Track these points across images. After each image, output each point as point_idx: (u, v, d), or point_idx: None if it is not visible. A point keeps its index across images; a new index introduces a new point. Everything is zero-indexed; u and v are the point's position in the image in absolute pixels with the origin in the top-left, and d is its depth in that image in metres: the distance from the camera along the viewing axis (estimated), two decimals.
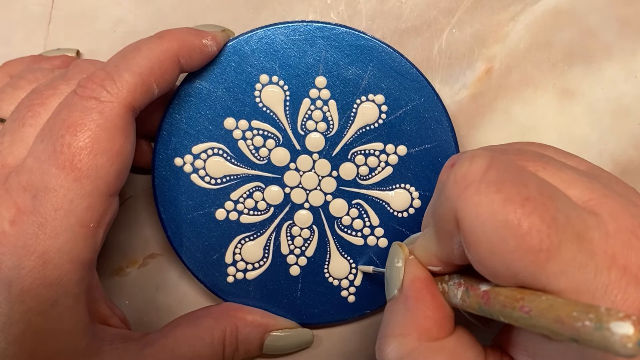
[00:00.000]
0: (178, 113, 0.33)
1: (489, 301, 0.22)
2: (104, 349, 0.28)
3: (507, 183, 0.21)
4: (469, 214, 0.21)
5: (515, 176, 0.21)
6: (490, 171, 0.21)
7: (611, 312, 0.16)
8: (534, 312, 0.19)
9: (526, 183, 0.21)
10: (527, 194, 0.20)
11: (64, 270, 0.26)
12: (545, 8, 0.36)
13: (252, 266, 0.33)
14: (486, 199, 0.21)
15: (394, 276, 0.26)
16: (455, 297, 0.24)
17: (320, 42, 0.33)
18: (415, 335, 0.24)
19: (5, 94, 0.31)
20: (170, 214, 0.33)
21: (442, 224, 0.23)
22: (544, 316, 0.19)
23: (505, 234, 0.20)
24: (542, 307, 0.19)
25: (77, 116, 0.27)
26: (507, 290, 0.21)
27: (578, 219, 0.21)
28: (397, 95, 0.33)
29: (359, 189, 0.33)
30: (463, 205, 0.21)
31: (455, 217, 0.22)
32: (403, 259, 0.27)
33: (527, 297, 0.20)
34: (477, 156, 0.22)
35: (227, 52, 0.33)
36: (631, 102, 0.35)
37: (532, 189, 0.21)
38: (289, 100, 0.33)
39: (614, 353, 0.16)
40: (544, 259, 0.20)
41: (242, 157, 0.33)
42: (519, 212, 0.20)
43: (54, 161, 0.26)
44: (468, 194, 0.21)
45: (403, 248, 0.27)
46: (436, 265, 0.26)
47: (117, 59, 0.29)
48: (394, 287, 0.26)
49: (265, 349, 0.33)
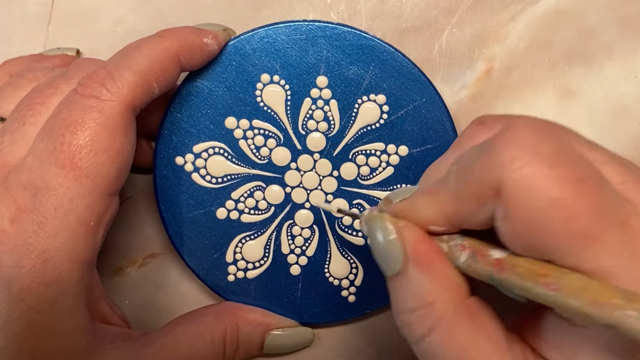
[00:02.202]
0: (179, 112, 0.33)
1: (504, 271, 0.21)
2: (104, 347, 0.28)
3: (560, 159, 0.20)
4: (517, 187, 0.20)
5: (567, 153, 0.21)
6: (544, 144, 0.20)
7: None
8: (564, 291, 0.18)
9: (578, 162, 0.20)
10: (580, 174, 0.20)
11: (64, 269, 0.26)
12: (545, 8, 0.36)
13: (252, 265, 0.33)
14: (540, 173, 0.20)
15: (390, 251, 0.24)
16: (457, 259, 0.23)
17: (322, 42, 0.33)
18: (441, 301, 0.22)
19: (5, 93, 0.31)
20: (171, 212, 0.33)
21: (474, 187, 0.22)
22: (577, 297, 0.18)
23: (553, 213, 0.19)
24: (573, 286, 0.18)
25: (78, 115, 0.27)
26: (527, 263, 0.20)
27: (620, 205, 0.20)
28: (399, 95, 0.33)
29: (360, 189, 0.33)
30: (513, 175, 0.20)
31: (497, 185, 0.20)
32: (393, 228, 0.24)
33: (554, 273, 0.19)
34: (528, 126, 0.21)
35: (229, 51, 0.33)
36: (631, 102, 0.35)
37: (583, 170, 0.20)
38: (290, 99, 0.33)
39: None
40: (585, 244, 0.19)
41: (243, 157, 0.33)
42: (572, 192, 0.19)
43: (54, 160, 0.26)
44: (519, 164, 0.20)
45: (383, 217, 0.24)
46: (442, 225, 0.23)
47: (117, 58, 0.29)
48: (396, 262, 0.23)
49: (266, 348, 0.33)
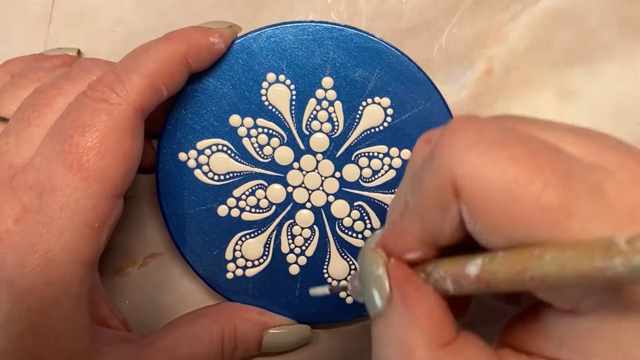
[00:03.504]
0: (184, 108, 0.33)
1: (489, 284, 0.19)
2: (103, 350, 0.28)
3: (510, 139, 0.19)
4: (473, 177, 0.19)
5: (515, 134, 0.20)
6: (488, 130, 0.19)
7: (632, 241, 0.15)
8: (549, 279, 0.17)
9: (528, 139, 0.19)
10: (534, 149, 0.19)
11: (67, 270, 0.26)
12: (545, 8, 0.36)
13: (251, 263, 0.33)
14: (491, 159, 0.19)
15: (375, 287, 0.23)
16: (448, 290, 0.21)
17: (329, 43, 0.33)
18: (422, 346, 0.21)
19: (7, 93, 0.31)
20: (172, 208, 0.33)
21: (432, 197, 0.21)
22: (563, 277, 0.17)
23: (519, 193, 0.18)
24: (553, 269, 0.17)
25: (86, 117, 0.27)
26: (502, 264, 0.19)
27: (589, 172, 0.19)
28: (403, 98, 0.33)
29: (362, 191, 0.33)
30: (465, 168, 0.19)
31: (453, 183, 0.20)
32: (383, 265, 0.23)
33: (529, 263, 0.18)
34: (468, 119, 0.20)
35: (235, 50, 0.33)
36: (631, 102, 0.35)
37: (537, 144, 0.19)
38: (295, 99, 0.33)
39: None
40: (564, 215, 0.18)
41: (246, 155, 0.33)
42: (530, 167, 0.18)
43: (61, 161, 0.26)
44: (470, 155, 0.19)
45: (379, 252, 0.23)
46: (416, 250, 0.22)
47: (125, 61, 0.29)
48: (379, 300, 0.22)
49: (264, 346, 0.33)
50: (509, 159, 0.18)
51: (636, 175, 0.19)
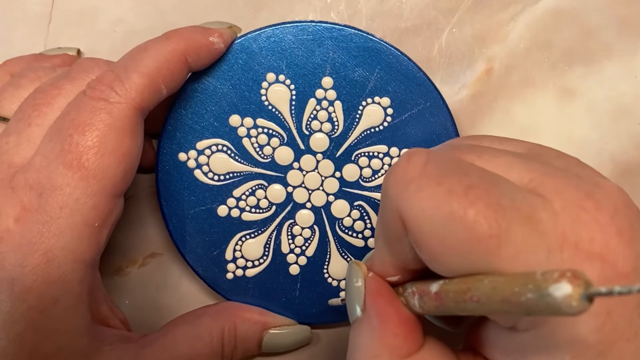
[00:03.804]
0: (184, 108, 0.33)
1: (443, 301, 0.21)
2: (103, 349, 0.28)
3: (447, 175, 0.20)
4: (413, 212, 0.21)
5: (454, 167, 0.21)
6: (429, 165, 0.21)
7: (546, 275, 0.16)
8: (483, 299, 0.19)
9: (466, 172, 0.21)
10: (469, 183, 0.20)
11: (67, 269, 0.26)
12: (545, 8, 0.36)
13: (252, 264, 0.33)
14: (428, 194, 0.20)
15: (354, 296, 0.25)
16: (415, 306, 0.23)
17: (328, 43, 0.33)
18: (386, 355, 0.23)
19: (7, 93, 0.31)
20: (172, 208, 0.33)
21: (389, 229, 0.23)
22: (492, 300, 0.18)
23: (453, 225, 0.20)
24: (487, 291, 0.18)
25: (86, 116, 0.27)
26: (454, 285, 0.20)
27: (524, 201, 0.20)
28: (403, 98, 0.33)
29: (362, 191, 0.33)
30: (406, 203, 0.21)
31: (400, 218, 0.21)
32: (362, 277, 0.25)
33: (473, 285, 0.19)
34: (413, 154, 0.22)
35: (235, 50, 0.33)
36: (631, 102, 0.35)
37: (473, 177, 0.20)
38: (295, 99, 0.33)
39: (564, 315, 0.16)
40: (495, 246, 0.19)
41: (246, 155, 0.33)
42: (463, 201, 0.20)
43: (61, 160, 0.26)
44: (410, 191, 0.21)
45: (360, 266, 0.26)
46: (394, 275, 0.25)
47: (125, 60, 0.29)
48: (356, 308, 0.25)
49: (264, 346, 0.33)
50: (445, 194, 0.20)
51: (571, 202, 0.20)
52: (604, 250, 0.20)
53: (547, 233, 0.20)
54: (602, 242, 0.20)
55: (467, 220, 0.19)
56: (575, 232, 0.20)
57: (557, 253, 0.20)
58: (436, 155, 0.22)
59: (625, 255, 0.20)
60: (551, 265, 0.19)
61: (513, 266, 0.19)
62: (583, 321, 0.19)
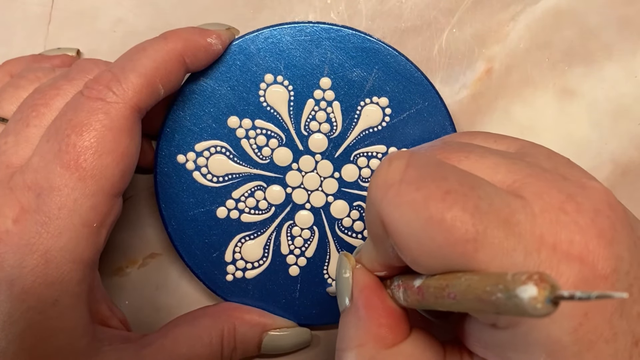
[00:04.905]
0: (182, 110, 0.33)
1: (424, 296, 0.22)
2: (103, 349, 0.28)
3: (426, 180, 0.21)
4: (393, 217, 0.21)
5: (434, 171, 0.21)
6: (409, 170, 0.21)
7: (515, 277, 0.16)
8: (459, 296, 0.19)
9: (446, 177, 0.21)
10: (447, 187, 0.20)
11: (66, 270, 0.26)
12: (545, 8, 0.36)
13: (251, 265, 0.33)
14: (407, 199, 0.21)
15: (343, 287, 0.26)
16: (400, 299, 0.24)
17: (326, 44, 0.33)
18: (371, 344, 0.24)
19: (6, 94, 0.31)
20: (171, 211, 0.33)
21: (372, 230, 0.23)
22: (467, 298, 0.19)
23: (431, 230, 0.20)
24: (462, 289, 0.19)
25: (83, 116, 0.27)
26: (434, 281, 0.21)
27: (502, 204, 0.20)
28: (401, 98, 0.33)
29: (361, 191, 0.33)
30: (386, 208, 0.21)
31: (381, 221, 0.22)
32: (350, 269, 0.26)
33: (450, 282, 0.20)
34: (395, 157, 0.22)
35: (233, 51, 0.33)
36: (631, 102, 0.35)
37: (452, 182, 0.21)
38: (293, 100, 0.33)
39: (530, 317, 0.16)
40: (472, 249, 0.20)
41: (245, 156, 0.33)
42: (441, 207, 0.20)
43: (59, 160, 0.26)
44: (389, 196, 0.21)
45: (349, 258, 0.27)
46: (380, 271, 0.26)
47: (122, 60, 0.29)
48: (344, 298, 0.26)
49: (263, 348, 0.33)
50: (423, 199, 0.20)
51: (550, 204, 0.21)
52: (584, 252, 0.20)
53: (524, 235, 0.20)
54: (581, 243, 0.20)
55: (445, 225, 0.20)
56: (553, 234, 0.20)
57: (534, 255, 0.20)
58: (417, 158, 0.22)
59: (605, 257, 0.20)
60: (527, 267, 0.20)
61: (490, 269, 0.20)
62: (558, 322, 0.20)
